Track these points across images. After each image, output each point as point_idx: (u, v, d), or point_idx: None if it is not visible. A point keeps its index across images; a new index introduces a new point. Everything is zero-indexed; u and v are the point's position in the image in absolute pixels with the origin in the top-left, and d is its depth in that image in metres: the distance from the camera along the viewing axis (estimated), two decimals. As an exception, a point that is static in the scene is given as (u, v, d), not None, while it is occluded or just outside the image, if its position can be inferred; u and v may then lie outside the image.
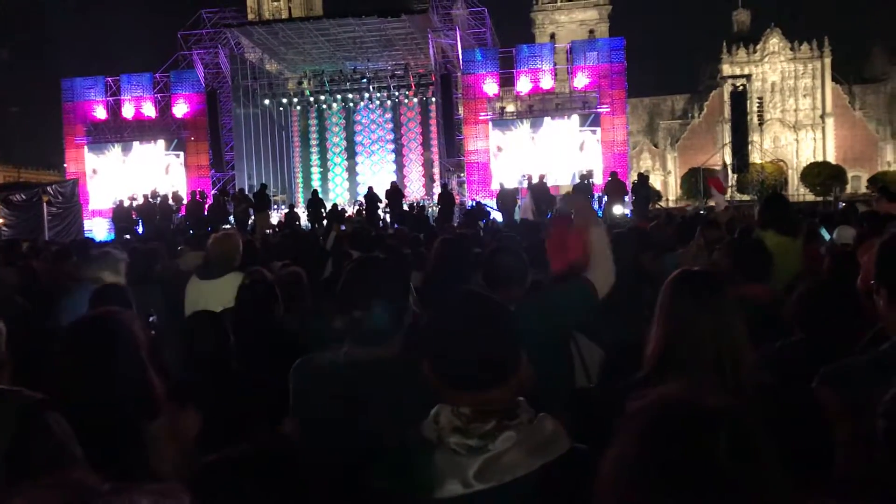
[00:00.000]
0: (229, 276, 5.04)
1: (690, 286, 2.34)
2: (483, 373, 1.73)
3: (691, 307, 2.28)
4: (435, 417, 1.75)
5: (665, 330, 2.30)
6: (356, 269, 2.44)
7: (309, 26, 29.28)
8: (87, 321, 2.18)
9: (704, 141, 63.61)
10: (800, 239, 6.13)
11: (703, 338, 2.22)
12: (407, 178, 33.29)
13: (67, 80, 28.93)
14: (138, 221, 22.86)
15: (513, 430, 1.68)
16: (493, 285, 3.44)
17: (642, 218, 14.73)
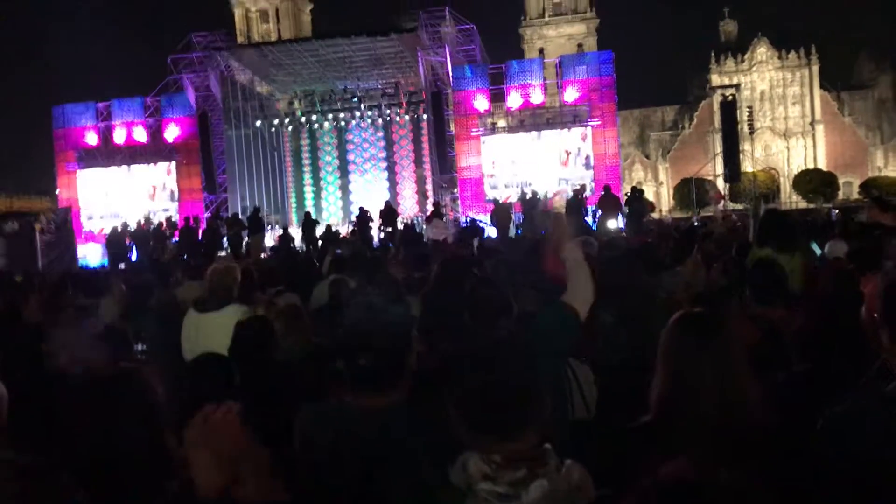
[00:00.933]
0: (228, 308, 4.99)
1: (693, 330, 2.33)
2: (513, 419, 1.74)
3: (694, 351, 2.26)
4: (463, 465, 1.75)
5: (669, 374, 2.29)
6: (360, 314, 2.40)
7: (298, 48, 29.37)
8: (103, 380, 2.11)
9: (696, 151, 63.85)
10: (797, 255, 6.13)
11: (707, 381, 2.21)
12: (400, 195, 33.31)
13: (58, 107, 28.90)
14: (132, 248, 22.80)
15: (544, 478, 1.70)
16: (479, 320, 3.44)
17: (637, 232, 14.75)
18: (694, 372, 2.22)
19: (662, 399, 2.28)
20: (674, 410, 2.23)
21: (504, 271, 6.62)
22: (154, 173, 28.96)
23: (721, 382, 2.20)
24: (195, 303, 5.30)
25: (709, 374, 2.20)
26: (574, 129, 26.92)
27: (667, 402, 2.26)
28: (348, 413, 2.30)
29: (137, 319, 5.32)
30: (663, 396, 2.28)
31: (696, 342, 2.28)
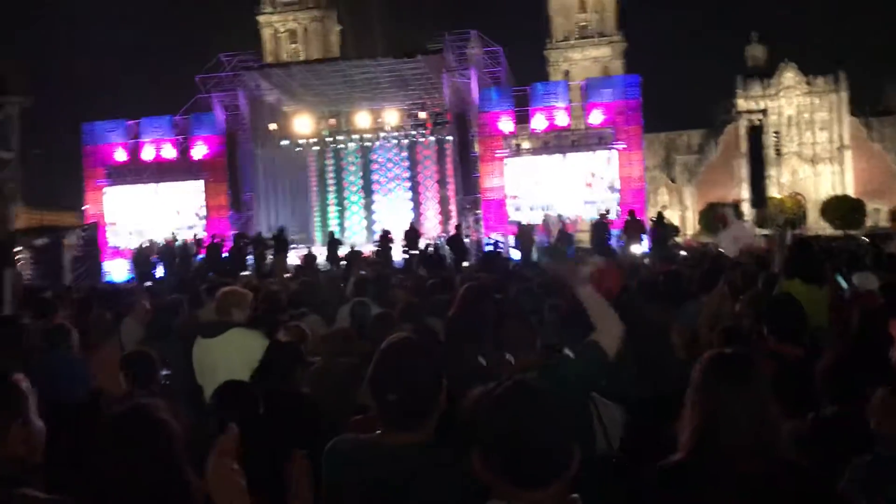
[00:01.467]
0: (232, 331, 4.93)
1: (726, 371, 2.32)
2: (542, 470, 1.70)
3: (725, 392, 2.26)
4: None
5: (700, 414, 2.28)
6: (389, 351, 2.36)
7: (326, 68, 29.65)
8: (123, 418, 2.08)
9: (722, 176, 63.40)
10: (825, 287, 6.01)
11: (738, 421, 2.21)
12: (423, 215, 33.37)
13: (88, 124, 29.35)
14: (157, 265, 23.00)
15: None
16: (505, 350, 3.45)
17: (662, 258, 14.62)
18: (727, 413, 2.22)
19: (694, 439, 2.27)
20: (705, 450, 2.22)
21: (529, 300, 6.57)
22: (181, 191, 29.23)
23: (754, 424, 2.20)
24: (200, 328, 5.24)
25: (742, 416, 2.20)
26: (599, 152, 26.84)
27: (699, 442, 2.25)
28: (376, 450, 2.28)
29: (161, 341, 5.32)
30: (695, 436, 2.27)
31: (729, 383, 2.27)
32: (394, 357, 2.33)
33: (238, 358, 4.41)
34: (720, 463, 2.18)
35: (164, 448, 2.02)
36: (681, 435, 2.33)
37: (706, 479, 2.14)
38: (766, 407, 2.24)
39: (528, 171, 27.23)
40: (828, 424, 2.87)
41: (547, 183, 26.86)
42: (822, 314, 5.27)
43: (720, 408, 2.24)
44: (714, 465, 2.18)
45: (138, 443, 2.00)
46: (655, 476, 2.34)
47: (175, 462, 2.03)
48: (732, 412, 2.21)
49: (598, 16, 77.18)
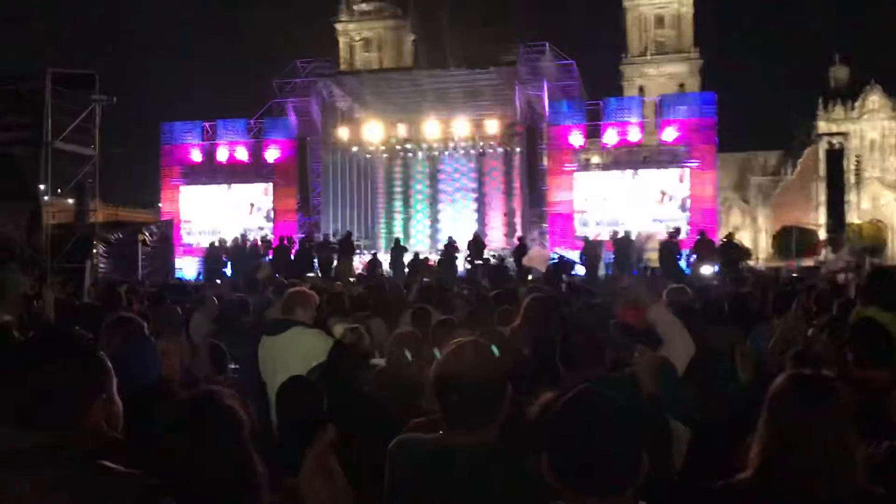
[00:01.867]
0: (293, 330, 5.00)
1: (802, 392, 2.25)
2: (611, 478, 1.72)
3: (803, 413, 2.19)
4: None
5: (773, 434, 2.23)
6: (456, 352, 2.38)
7: (398, 77, 29.94)
8: (198, 403, 2.16)
9: (798, 199, 61.57)
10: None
11: (814, 445, 2.14)
12: (488, 226, 33.25)
13: (167, 124, 30.29)
14: (227, 264, 23.51)
15: None
16: (569, 366, 3.41)
17: (732, 280, 14.25)
18: (801, 435, 2.16)
19: (764, 458, 2.23)
20: (774, 471, 2.19)
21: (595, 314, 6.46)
22: (252, 192, 29.89)
23: (828, 448, 2.14)
24: (264, 326, 5.33)
25: (817, 439, 2.15)
26: (671, 170, 26.39)
27: (769, 462, 2.22)
28: (439, 449, 2.31)
29: (229, 337, 5.39)
30: (766, 456, 2.23)
31: (806, 404, 2.21)
32: (459, 359, 2.35)
33: (298, 356, 4.45)
34: (788, 486, 2.13)
35: (232, 433, 2.08)
36: (750, 453, 2.29)
37: (772, 501, 2.11)
38: (843, 432, 2.17)
39: (597, 187, 26.95)
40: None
41: (616, 199, 26.53)
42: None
43: (794, 429, 2.19)
44: (782, 488, 2.14)
45: (207, 425, 2.07)
46: (718, 494, 2.31)
47: (241, 447, 2.08)
48: (807, 434, 2.15)
49: (675, 32, 76.17)
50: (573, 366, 3.38)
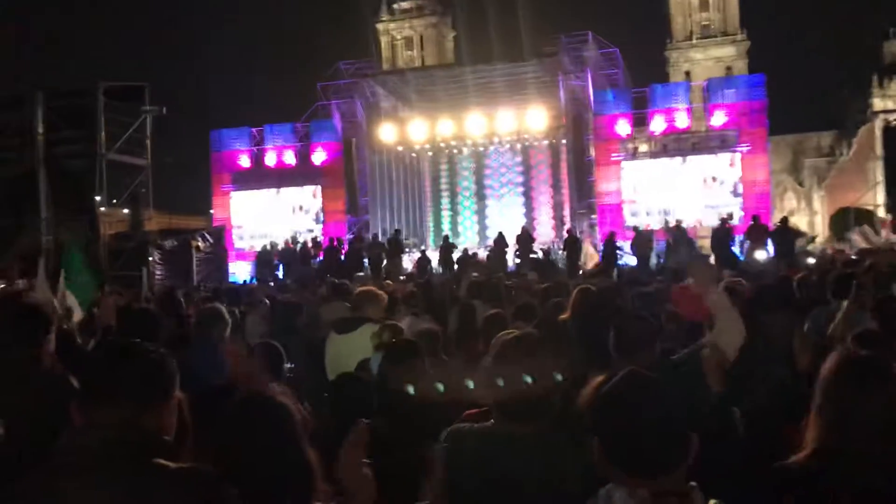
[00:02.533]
0: (363, 328, 5.10)
1: (856, 373, 2.24)
2: (662, 459, 1.74)
3: (856, 394, 2.19)
4: (607, 498, 1.76)
5: (827, 417, 2.23)
6: (509, 344, 2.44)
7: (441, 74, 29.98)
8: (248, 401, 2.23)
9: (854, 179, 59.79)
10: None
11: (868, 425, 2.15)
12: (536, 220, 33.13)
13: (216, 132, 30.85)
14: (279, 266, 23.84)
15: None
16: (621, 354, 3.47)
17: (788, 265, 13.93)
18: (856, 416, 2.17)
19: (820, 441, 2.24)
20: (831, 454, 2.19)
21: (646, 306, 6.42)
22: (301, 195, 30.27)
23: (884, 429, 2.15)
24: (334, 325, 5.44)
25: (871, 421, 2.15)
26: (721, 155, 25.92)
27: (825, 445, 2.22)
28: (493, 437, 2.36)
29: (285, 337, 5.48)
30: (821, 439, 2.23)
31: (861, 386, 2.21)
32: (514, 350, 2.40)
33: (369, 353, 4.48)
34: (844, 468, 2.13)
35: (285, 430, 2.14)
36: (806, 436, 2.30)
37: (828, 483, 2.11)
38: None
39: (646, 175, 26.59)
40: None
41: (666, 187, 26.15)
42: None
43: (848, 411, 2.19)
44: (838, 470, 2.14)
45: (260, 423, 2.13)
46: (774, 475, 2.31)
47: (296, 444, 2.13)
48: (862, 416, 2.15)
49: (720, 14, 74.68)
50: (626, 353, 3.43)
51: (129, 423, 1.87)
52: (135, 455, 1.82)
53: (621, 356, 3.44)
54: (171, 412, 2.01)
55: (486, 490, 2.28)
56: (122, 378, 1.93)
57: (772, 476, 2.35)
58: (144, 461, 1.82)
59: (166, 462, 1.84)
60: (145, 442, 1.86)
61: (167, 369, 2.02)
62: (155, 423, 1.93)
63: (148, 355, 2.01)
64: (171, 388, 2.02)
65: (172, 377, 2.02)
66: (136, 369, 1.96)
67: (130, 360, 1.98)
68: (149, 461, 1.82)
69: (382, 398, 3.48)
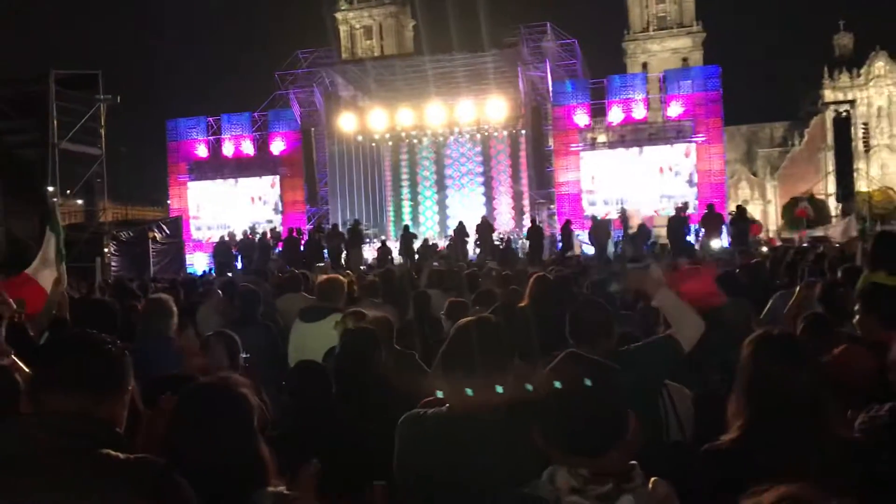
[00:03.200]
0: (329, 318, 5.10)
1: (772, 349, 2.32)
2: (597, 438, 1.77)
3: (775, 370, 2.27)
4: (550, 478, 1.78)
5: (748, 394, 2.30)
6: (464, 330, 2.44)
7: (400, 63, 29.88)
8: (202, 389, 2.22)
9: (806, 169, 61.21)
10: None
11: (787, 400, 2.22)
12: (496, 210, 33.30)
13: (172, 121, 30.37)
14: (237, 257, 23.61)
15: (630, 493, 1.72)
16: (579, 340, 3.47)
17: (742, 253, 14.21)
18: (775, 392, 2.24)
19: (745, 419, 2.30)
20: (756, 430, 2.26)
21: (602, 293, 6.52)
22: (259, 185, 29.99)
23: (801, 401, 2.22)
24: (300, 313, 5.44)
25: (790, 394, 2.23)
26: (677, 145, 26.30)
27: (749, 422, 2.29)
28: (446, 419, 2.37)
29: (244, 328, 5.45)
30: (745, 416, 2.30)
31: (777, 362, 2.28)
32: (466, 335, 2.41)
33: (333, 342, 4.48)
34: (768, 442, 2.19)
35: (240, 418, 2.13)
36: (731, 417, 2.35)
37: (754, 461, 2.15)
38: (815, 386, 2.24)
39: (604, 165, 26.87)
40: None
41: (623, 177, 26.46)
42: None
43: (768, 387, 2.25)
44: (762, 445, 2.20)
45: (219, 412, 2.12)
46: (704, 455, 2.37)
47: (250, 433, 2.13)
48: (779, 391, 2.22)
49: (676, 6, 75.49)
50: (582, 340, 3.44)
51: (82, 413, 1.85)
52: (83, 446, 1.81)
53: (578, 342, 3.44)
54: (125, 404, 1.99)
55: (442, 474, 2.29)
56: (78, 367, 1.91)
57: (701, 457, 2.40)
58: (92, 452, 1.80)
59: (115, 453, 1.82)
60: (96, 433, 1.84)
61: (123, 360, 2.00)
62: (107, 414, 1.91)
63: (104, 345, 1.99)
64: (127, 380, 2.00)
65: (128, 368, 2.00)
66: (92, 359, 1.94)
67: (87, 350, 1.96)
68: (97, 452, 1.81)
69: (341, 386, 3.48)
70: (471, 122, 30.82)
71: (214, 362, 3.74)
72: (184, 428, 2.09)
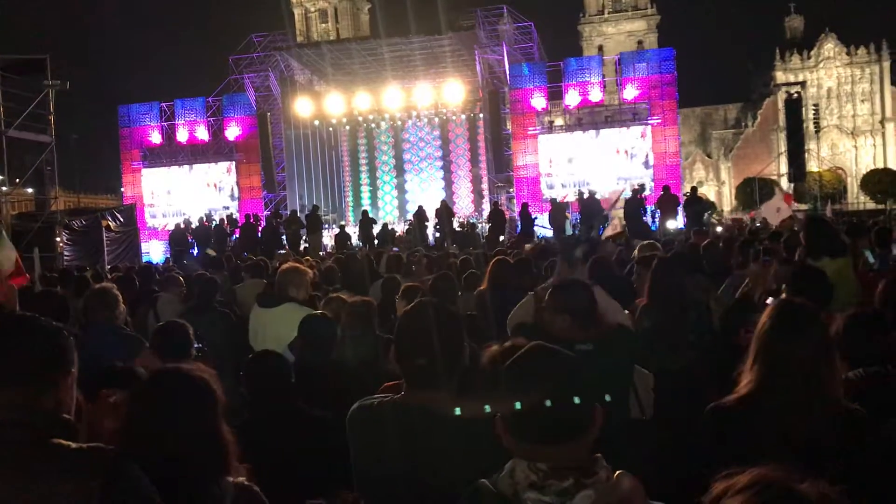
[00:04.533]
0: (285, 305, 5.10)
1: (791, 317, 2.41)
2: (559, 428, 1.69)
3: (791, 339, 2.35)
4: (510, 472, 1.71)
5: (763, 360, 2.38)
6: (415, 316, 2.41)
7: (356, 47, 29.60)
8: (164, 376, 2.17)
9: (759, 150, 62.36)
10: (849, 256, 5.90)
11: (799, 367, 2.30)
12: (456, 194, 33.30)
13: (124, 107, 29.72)
14: (194, 244, 23.29)
15: (591, 488, 1.64)
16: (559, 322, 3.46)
17: (697, 234, 14.43)
18: (788, 358, 2.33)
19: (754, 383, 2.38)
20: (763, 395, 2.34)
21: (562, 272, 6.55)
22: (215, 172, 29.57)
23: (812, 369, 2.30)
24: (258, 298, 5.41)
25: (802, 361, 2.30)
26: (633, 128, 26.56)
27: (758, 386, 2.36)
28: (400, 408, 2.33)
29: (201, 315, 5.39)
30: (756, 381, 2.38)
31: (793, 332, 2.37)
32: (416, 320, 2.38)
33: (288, 330, 4.48)
34: (775, 404, 2.29)
35: (200, 405, 2.10)
36: (742, 378, 2.43)
37: (761, 421, 2.25)
38: (825, 355, 2.33)
39: (562, 148, 27.02)
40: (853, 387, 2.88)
41: (580, 160, 26.65)
42: (850, 289, 5.17)
43: (781, 353, 2.34)
44: (769, 407, 2.29)
45: (182, 397, 2.08)
46: (711, 414, 2.44)
47: (211, 420, 2.10)
48: (792, 358, 2.31)
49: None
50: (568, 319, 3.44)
51: (28, 403, 1.80)
52: (32, 436, 1.76)
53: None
54: (71, 389, 1.93)
55: (397, 466, 2.26)
56: (20, 355, 1.84)
57: (705, 415, 2.47)
58: (42, 443, 1.76)
59: (65, 443, 1.78)
60: (44, 422, 1.80)
61: (66, 345, 1.93)
62: (54, 402, 1.85)
63: (46, 330, 1.92)
64: (71, 365, 1.93)
65: (71, 353, 1.94)
66: (34, 346, 1.87)
67: (28, 336, 1.89)
68: (47, 442, 1.76)
69: (300, 374, 3.46)
70: (429, 106, 30.73)
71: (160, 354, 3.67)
72: (144, 413, 2.05)
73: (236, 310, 6.42)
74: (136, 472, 1.80)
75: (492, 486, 1.71)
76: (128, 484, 1.77)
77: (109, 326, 4.58)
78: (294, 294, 5.32)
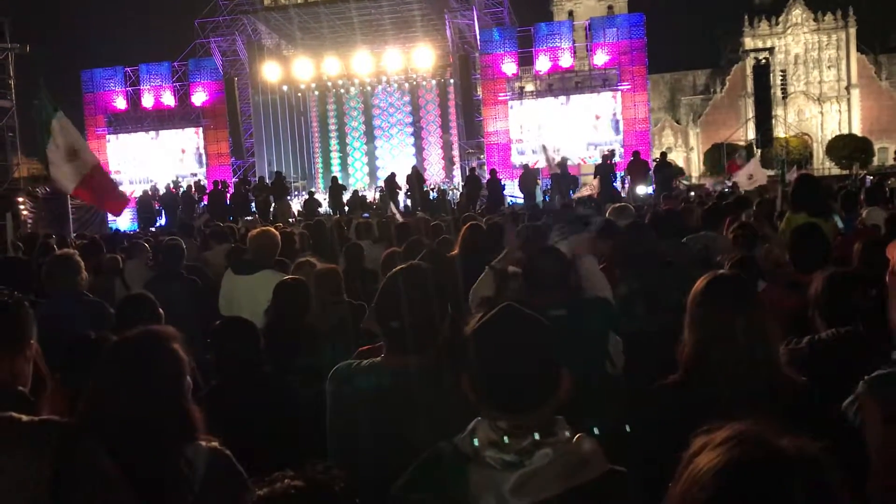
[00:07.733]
0: (263, 272, 5.07)
1: (724, 290, 2.37)
2: (523, 395, 1.69)
3: (726, 311, 2.30)
4: (472, 431, 1.72)
5: (699, 334, 2.33)
6: (396, 278, 2.41)
7: (325, 10, 29.15)
8: (131, 341, 2.11)
9: (727, 116, 62.76)
10: (831, 220, 6.02)
11: (738, 340, 2.25)
12: (427, 160, 33.16)
13: (87, 72, 29.03)
14: (161, 212, 23.01)
15: (549, 447, 1.66)
16: (536, 289, 3.46)
17: (666, 198, 14.56)
18: (725, 332, 2.26)
19: (693, 357, 2.33)
20: (703, 369, 2.29)
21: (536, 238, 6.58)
22: (182, 138, 29.11)
23: (752, 342, 2.24)
24: (233, 264, 5.37)
25: (741, 335, 2.24)
26: (603, 94, 26.57)
27: (696, 361, 2.32)
28: (378, 371, 2.34)
29: (167, 283, 5.35)
30: (694, 356, 2.33)
31: (727, 304, 2.32)
32: (399, 284, 2.37)
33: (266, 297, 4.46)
34: (715, 379, 2.24)
35: (171, 370, 2.06)
36: (680, 355, 2.38)
37: (703, 397, 2.19)
38: (763, 328, 2.28)
39: (532, 114, 26.96)
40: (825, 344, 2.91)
41: (551, 125, 26.63)
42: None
43: (716, 327, 2.29)
44: (709, 381, 2.24)
45: (148, 361, 2.04)
46: (655, 393, 2.41)
47: (180, 386, 2.07)
48: (728, 331, 2.25)
49: (602, -47, 75.42)
50: (539, 289, 3.42)
51: None
52: None
53: (534, 292, 3.42)
54: (27, 361, 1.89)
55: (375, 426, 2.28)
56: None
57: (648, 396, 2.45)
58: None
59: (17, 415, 1.72)
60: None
61: (23, 318, 1.88)
62: (8, 373, 1.81)
63: (1, 304, 1.87)
64: (28, 334, 1.89)
65: (29, 326, 1.89)
66: None
67: None
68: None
69: (270, 341, 3.45)
70: (399, 71, 30.45)
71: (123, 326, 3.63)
72: (110, 379, 2.02)
73: (208, 273, 6.37)
74: (90, 443, 1.76)
75: (454, 445, 1.72)
76: (82, 456, 1.73)
77: (72, 293, 4.51)
78: (272, 260, 5.31)
